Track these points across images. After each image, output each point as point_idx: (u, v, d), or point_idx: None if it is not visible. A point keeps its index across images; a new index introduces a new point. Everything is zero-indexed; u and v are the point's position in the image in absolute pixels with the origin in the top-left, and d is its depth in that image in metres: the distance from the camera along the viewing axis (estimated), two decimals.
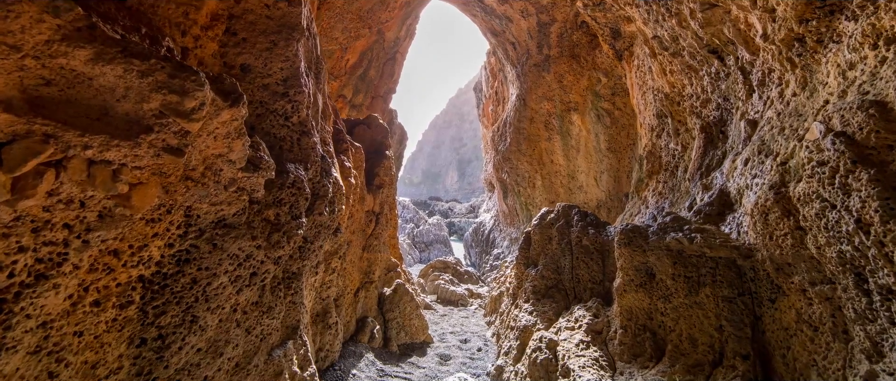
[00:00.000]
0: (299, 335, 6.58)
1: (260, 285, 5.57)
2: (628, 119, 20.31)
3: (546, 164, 25.82)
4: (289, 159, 6.15)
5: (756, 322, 6.94)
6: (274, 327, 5.96)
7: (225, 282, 4.88)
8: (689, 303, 7.54)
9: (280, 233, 5.59)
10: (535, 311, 10.31)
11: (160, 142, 3.68)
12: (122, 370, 4.07)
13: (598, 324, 8.82)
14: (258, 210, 5.33)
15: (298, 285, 6.66)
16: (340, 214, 8.07)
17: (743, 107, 9.65)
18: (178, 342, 4.47)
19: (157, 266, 4.33)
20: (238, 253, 4.99)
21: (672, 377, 6.96)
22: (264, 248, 5.36)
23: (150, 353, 4.30)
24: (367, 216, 11.84)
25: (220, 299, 4.87)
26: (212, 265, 4.71)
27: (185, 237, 4.52)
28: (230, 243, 4.86)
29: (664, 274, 7.96)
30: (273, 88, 6.11)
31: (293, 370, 6.13)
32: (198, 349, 4.76)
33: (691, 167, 11.95)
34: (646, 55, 15.04)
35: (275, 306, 5.93)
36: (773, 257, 6.48)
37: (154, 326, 4.31)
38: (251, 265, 5.21)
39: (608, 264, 10.43)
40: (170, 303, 4.42)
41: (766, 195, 6.60)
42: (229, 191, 4.74)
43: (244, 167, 4.83)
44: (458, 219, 54.20)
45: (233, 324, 5.16)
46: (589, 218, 11.55)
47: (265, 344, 5.81)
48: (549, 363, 8.25)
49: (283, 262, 5.86)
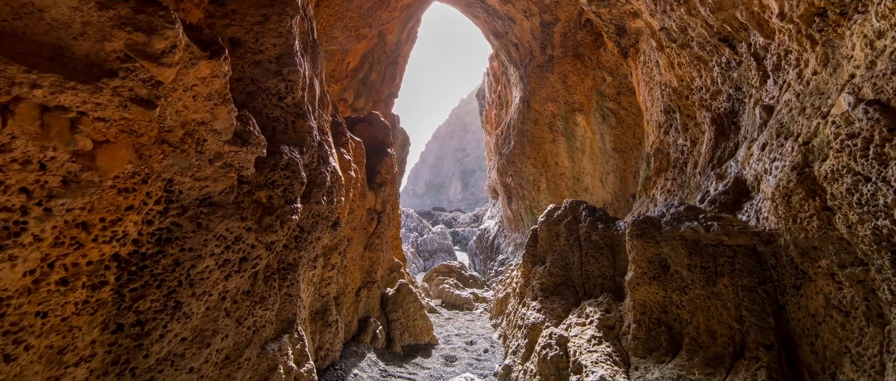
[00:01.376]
0: (296, 330, 6.22)
1: (251, 273, 5.21)
2: (634, 118, 19.95)
3: (551, 166, 25.46)
4: (283, 141, 5.80)
5: (779, 311, 6.56)
6: (267, 319, 5.60)
7: (211, 266, 4.51)
8: (707, 294, 7.16)
9: (273, 216, 5.22)
10: (544, 308, 9.92)
11: (127, 90, 3.31)
12: (94, 358, 3.70)
13: (610, 319, 8.44)
14: (248, 191, 4.97)
15: (294, 276, 6.31)
16: (340, 206, 7.72)
17: (756, 94, 9.29)
18: (159, 329, 4.10)
19: (135, 245, 3.96)
20: (225, 234, 4.62)
21: (691, 370, 6.58)
22: (255, 231, 4.99)
23: (127, 340, 3.93)
24: (368, 214, 11.49)
25: (207, 285, 4.50)
26: (196, 246, 4.34)
27: (166, 214, 4.15)
28: (216, 223, 4.49)
29: (679, 265, 7.58)
30: (265, 66, 5.76)
31: (289, 365, 5.76)
32: (182, 339, 4.39)
33: (702, 161, 11.60)
34: (652, 49, 14.70)
35: (268, 297, 5.57)
36: (797, 241, 6.10)
37: (132, 311, 3.95)
38: (241, 249, 4.84)
39: (619, 259, 10.05)
40: (149, 286, 4.06)
41: (789, 177, 6.24)
42: (215, 166, 4.38)
43: (231, 140, 4.47)
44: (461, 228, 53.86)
45: (221, 313, 4.79)
46: (598, 213, 11.18)
47: (258, 337, 5.45)
48: (560, 359, 7.86)
49: (276, 248, 5.49)
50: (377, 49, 24.41)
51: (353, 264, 10.35)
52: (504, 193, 32.31)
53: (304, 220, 6.56)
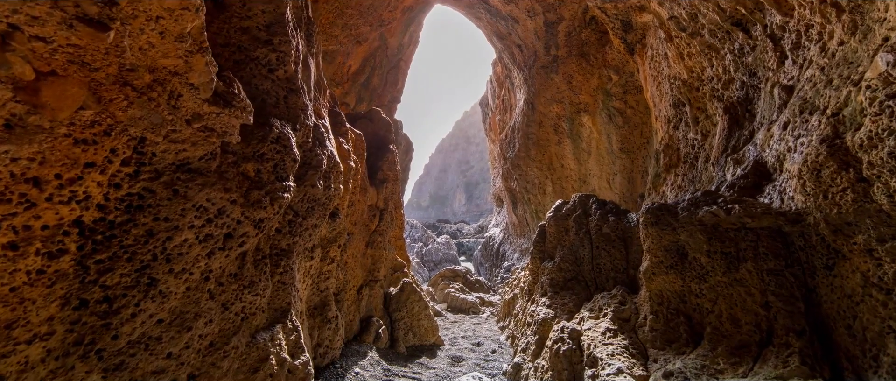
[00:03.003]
0: (290, 321, 5.78)
1: (238, 253, 4.77)
2: (641, 117, 19.51)
3: (556, 168, 25.04)
4: (274, 115, 5.38)
5: (809, 295, 6.11)
6: (258, 306, 5.16)
7: (191, 240, 4.09)
8: (729, 281, 6.71)
9: (261, 191, 4.80)
10: (554, 304, 9.47)
11: (72, 5, 2.88)
12: (53, 337, 3.27)
13: (625, 312, 7.98)
14: (234, 162, 4.55)
15: (288, 263, 5.88)
16: (338, 195, 7.30)
17: (773, 77, 8.86)
18: (130, 308, 3.67)
19: (101, 211, 3.54)
20: (207, 205, 4.19)
21: (715, 360, 6.11)
22: (241, 205, 4.56)
23: (92, 318, 3.49)
24: (370, 211, 11.07)
25: (186, 261, 4.07)
26: (172, 216, 3.91)
27: (137, 178, 3.73)
28: (196, 191, 4.06)
29: (698, 252, 7.14)
30: (254, 33, 5.35)
31: (282, 356, 5.32)
32: (158, 320, 3.95)
33: (715, 151, 11.18)
34: (660, 42, 14.32)
35: (258, 282, 5.14)
36: (828, 218, 5.65)
37: (98, 285, 3.52)
38: (224, 224, 4.41)
39: (632, 252, 9.60)
40: (119, 259, 3.63)
41: (818, 150, 5.81)
42: (193, 128, 3.97)
43: (211, 100, 4.05)
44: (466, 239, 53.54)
45: (204, 295, 4.36)
46: (608, 206, 10.74)
47: (247, 325, 5.01)
48: (573, 353, 7.41)
49: (266, 229, 5.08)
50: (379, 52, 24.08)
51: (355, 260, 9.92)
52: (509, 198, 31.88)
53: (299, 203, 6.14)
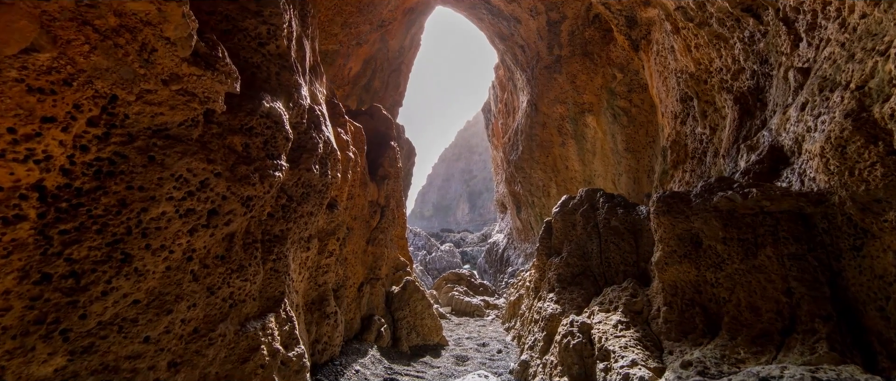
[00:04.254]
0: (284, 311, 5.45)
1: (226, 234, 4.45)
2: (646, 116, 19.17)
3: (561, 170, 24.71)
4: (265, 90, 5.06)
5: (834, 279, 5.76)
6: (248, 293, 4.83)
7: (170, 213, 3.76)
8: (746, 268, 6.36)
9: (249, 167, 4.47)
10: (562, 299, 9.12)
11: None
12: (9, 313, 2.95)
13: (637, 304, 7.63)
14: (219, 133, 4.23)
15: (282, 250, 5.55)
16: (335, 183, 6.99)
17: (787, 61, 8.54)
18: (100, 285, 3.34)
19: (66, 176, 3.22)
20: (187, 176, 3.86)
21: (735, 350, 5.76)
22: (227, 179, 4.23)
23: (56, 294, 3.16)
24: (371, 207, 10.74)
25: (166, 237, 3.74)
26: (148, 185, 3.58)
27: (107, 140, 3.40)
28: (175, 160, 3.74)
29: (713, 239, 6.80)
30: (242, 3, 5.03)
31: (274, 347, 4.97)
32: (134, 301, 3.62)
33: (726, 143, 10.87)
34: (667, 34, 14.01)
35: (248, 266, 4.81)
36: (855, 196, 5.32)
37: (63, 258, 3.19)
38: (208, 198, 4.08)
39: (642, 244, 9.25)
40: (87, 230, 3.30)
41: (842, 125, 5.48)
42: (171, 89, 3.64)
43: (191, 60, 3.73)
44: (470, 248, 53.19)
45: (187, 276, 4.03)
46: (616, 199, 10.40)
47: (236, 312, 4.68)
48: (584, 347, 7.05)
49: (256, 209, 4.75)
50: (380, 55, 23.83)
51: (355, 257, 9.58)
52: (512, 202, 31.56)
53: (293, 187, 5.82)
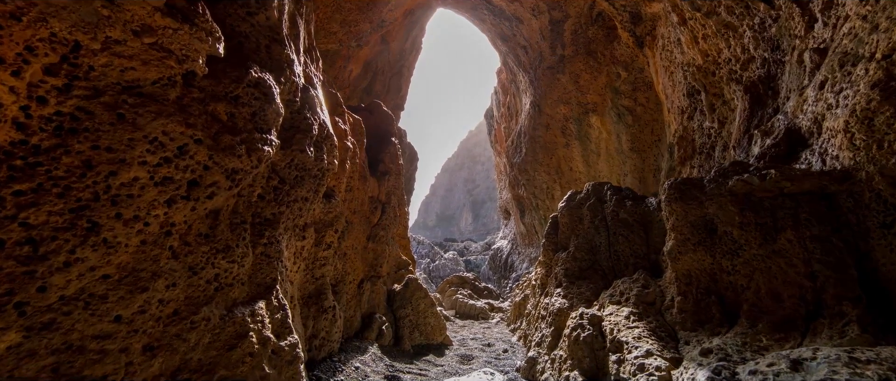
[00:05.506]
0: (276, 298, 5.12)
1: (209, 209, 4.12)
2: (652, 114, 18.86)
3: (565, 172, 24.39)
4: (254, 61, 4.74)
5: (861, 260, 5.42)
6: (236, 276, 4.50)
7: (143, 180, 3.43)
8: (765, 253, 6.03)
9: (235, 138, 4.15)
10: (570, 294, 8.78)
11: None
12: None
13: (650, 295, 7.29)
14: (201, 99, 3.90)
15: (273, 235, 5.23)
16: (332, 170, 6.68)
17: (801, 44, 8.24)
18: (62, 255, 3.02)
19: (20, 131, 2.90)
20: (163, 140, 3.53)
21: (756, 337, 5.41)
22: (209, 148, 3.90)
23: (9, 263, 2.82)
24: (371, 203, 10.43)
25: (139, 207, 3.41)
26: (117, 146, 3.25)
27: (68, 93, 3.07)
28: (148, 120, 3.40)
29: (729, 225, 6.47)
30: None
31: (265, 334, 4.64)
32: (104, 276, 3.28)
33: (735, 134, 10.56)
34: (673, 27, 13.72)
35: (235, 248, 4.48)
36: (885, 170, 4.99)
37: (17, 222, 2.87)
38: (188, 167, 3.74)
39: (652, 236, 8.92)
40: (46, 193, 2.98)
41: (869, 97, 5.17)
42: (143, 42, 3.32)
43: (165, 10, 3.41)
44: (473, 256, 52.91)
45: (165, 252, 3.70)
46: (624, 192, 10.08)
47: (222, 296, 4.35)
48: (595, 339, 6.70)
49: (243, 186, 4.44)
50: (381, 57, 23.60)
51: (354, 253, 9.25)
52: (516, 207, 31.23)
53: (285, 169, 5.50)
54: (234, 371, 4.17)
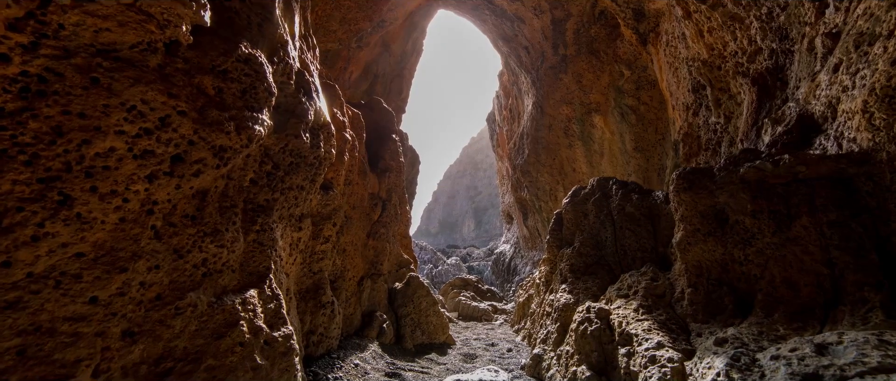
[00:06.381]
0: (270, 288, 4.88)
1: (195, 189, 3.89)
2: (656, 113, 18.63)
3: (568, 173, 24.15)
4: (245, 37, 4.51)
5: (882, 244, 5.18)
6: (225, 262, 4.27)
7: (121, 151, 3.19)
8: (779, 242, 5.78)
9: (223, 113, 3.91)
10: (575, 289, 8.54)
11: None
12: None
13: (659, 287, 7.05)
14: (185, 69, 3.67)
15: (267, 222, 5.00)
16: (329, 159, 6.46)
17: (812, 31, 8.02)
18: (29, 228, 2.79)
19: None
20: (143, 110, 3.29)
21: (772, 327, 5.16)
22: (195, 121, 3.66)
23: None
24: (371, 199, 10.20)
25: (117, 181, 3.18)
26: (91, 112, 3.02)
27: (35, 52, 2.84)
28: (125, 86, 3.17)
29: (741, 213, 6.24)
30: None
31: (256, 324, 4.40)
32: (78, 253, 3.05)
33: (743, 127, 10.34)
34: (678, 21, 13.51)
35: (225, 232, 4.25)
36: None
37: None
38: (171, 140, 3.51)
39: (660, 229, 8.68)
40: (11, 160, 2.76)
41: (889, 73, 4.95)
42: (120, 2, 3.10)
43: None
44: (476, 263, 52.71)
45: (147, 231, 3.47)
46: (630, 185, 9.84)
47: (211, 283, 4.11)
48: (602, 333, 6.45)
49: (233, 166, 4.22)
50: (382, 59, 23.42)
51: (354, 249, 9.02)
52: (519, 210, 30.99)
53: (279, 154, 5.28)
54: (223, 361, 3.92)
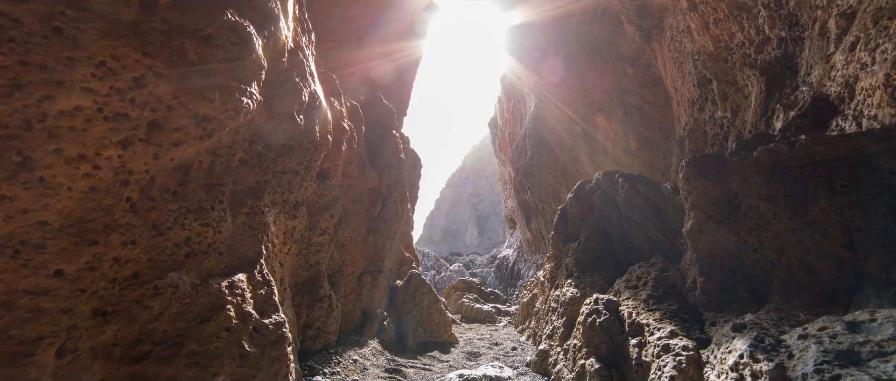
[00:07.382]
0: (260, 273, 4.61)
1: (177, 161, 3.63)
2: (660, 111, 18.35)
3: (571, 173, 23.87)
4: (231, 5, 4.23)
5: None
6: (211, 243, 4.01)
7: (89, 111, 2.92)
8: (796, 226, 5.52)
9: (207, 80, 3.65)
10: (582, 283, 8.27)
11: None
12: None
13: (669, 278, 6.77)
14: (164, 30, 3.34)
15: (258, 205, 4.75)
16: (325, 145, 6.21)
17: (823, 14, 7.76)
18: None
19: None
20: (112, 65, 2.99)
21: (792, 313, 4.88)
22: (174, 84, 3.40)
23: None
24: (371, 194, 9.95)
25: (85, 144, 2.92)
26: (53, 65, 2.75)
27: None
28: (93, 38, 2.86)
29: (755, 198, 5.98)
30: None
31: (245, 310, 4.13)
32: (41, 222, 2.79)
33: (751, 118, 10.08)
34: (682, 14, 13.27)
35: (210, 210, 3.99)
36: None
37: None
38: (147, 104, 3.23)
39: (667, 221, 8.41)
40: None
41: None
42: None
43: None
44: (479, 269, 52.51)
45: (121, 203, 3.22)
46: (637, 178, 9.58)
47: (195, 263, 3.85)
48: (612, 324, 6.17)
49: (219, 141, 3.95)
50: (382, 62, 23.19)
51: (353, 244, 8.76)
52: (522, 213, 30.68)
53: (271, 134, 5.03)
54: (207, 347, 3.65)
